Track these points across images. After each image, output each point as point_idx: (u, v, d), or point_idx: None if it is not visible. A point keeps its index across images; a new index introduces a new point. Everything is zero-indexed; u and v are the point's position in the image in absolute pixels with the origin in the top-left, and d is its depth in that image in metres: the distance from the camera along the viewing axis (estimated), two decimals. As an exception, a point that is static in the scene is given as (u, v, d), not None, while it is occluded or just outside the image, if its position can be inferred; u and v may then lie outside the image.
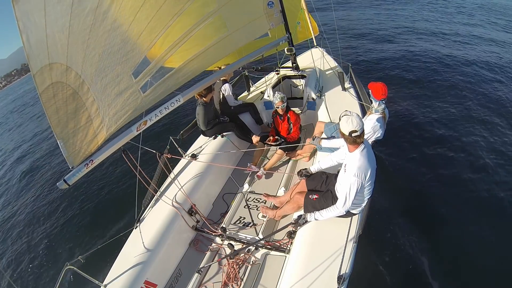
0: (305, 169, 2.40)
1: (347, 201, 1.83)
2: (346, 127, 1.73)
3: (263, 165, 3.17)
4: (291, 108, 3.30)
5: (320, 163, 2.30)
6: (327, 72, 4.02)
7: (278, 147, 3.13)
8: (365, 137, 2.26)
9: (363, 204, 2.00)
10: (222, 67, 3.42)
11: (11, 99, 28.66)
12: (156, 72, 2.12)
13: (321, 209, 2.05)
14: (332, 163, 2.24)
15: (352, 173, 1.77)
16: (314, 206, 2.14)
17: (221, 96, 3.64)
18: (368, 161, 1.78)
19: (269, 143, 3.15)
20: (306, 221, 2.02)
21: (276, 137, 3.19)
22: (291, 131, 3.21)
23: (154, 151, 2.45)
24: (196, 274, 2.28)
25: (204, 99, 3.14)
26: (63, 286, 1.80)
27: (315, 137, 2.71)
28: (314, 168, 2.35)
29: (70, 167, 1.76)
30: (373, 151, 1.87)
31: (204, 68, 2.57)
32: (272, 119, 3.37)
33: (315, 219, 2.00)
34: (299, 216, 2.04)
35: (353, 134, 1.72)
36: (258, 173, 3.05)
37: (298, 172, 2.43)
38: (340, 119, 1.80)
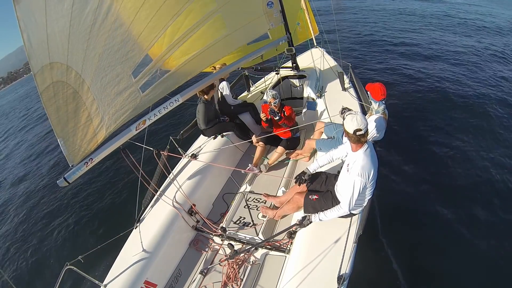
0: (304, 173, 2.26)
1: (351, 201, 1.83)
2: (351, 125, 1.73)
3: (263, 163, 3.17)
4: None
5: (318, 161, 2.27)
6: (327, 72, 4.02)
7: (278, 145, 3.13)
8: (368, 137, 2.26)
9: (364, 204, 1.99)
10: (217, 67, 3.43)
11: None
12: (155, 72, 2.13)
13: (321, 210, 2.04)
14: (331, 160, 2.23)
15: (356, 172, 1.77)
16: (314, 207, 2.14)
17: (219, 95, 3.64)
18: (371, 161, 1.78)
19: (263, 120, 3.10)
20: (311, 222, 2.01)
21: (270, 108, 2.99)
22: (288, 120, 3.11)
23: (151, 149, 2.46)
24: (196, 274, 2.28)
25: (205, 96, 3.14)
26: (63, 286, 1.79)
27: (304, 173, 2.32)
28: (312, 167, 2.28)
29: (70, 165, 1.78)
30: (375, 151, 1.87)
31: (203, 67, 2.58)
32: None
33: (320, 219, 1.98)
34: (304, 217, 2.02)
35: (358, 133, 1.72)
36: (257, 171, 3.04)
37: (296, 178, 2.27)
38: (344, 118, 1.80)
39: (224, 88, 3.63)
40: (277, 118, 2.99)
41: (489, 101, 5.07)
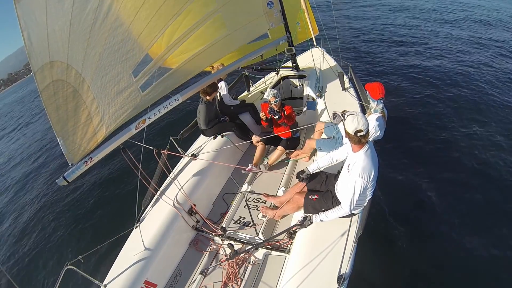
0: (303, 171, 2.30)
1: (352, 202, 1.83)
2: (352, 126, 1.73)
3: (263, 163, 3.16)
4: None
5: (319, 161, 2.27)
6: (327, 72, 4.02)
7: (278, 145, 3.13)
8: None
9: (364, 204, 1.99)
10: (215, 66, 3.42)
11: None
12: (155, 72, 2.13)
13: (321, 209, 2.04)
14: (331, 161, 2.23)
15: (357, 173, 1.77)
16: (314, 207, 2.13)
17: (218, 96, 3.63)
18: (372, 161, 1.78)
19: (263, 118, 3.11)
20: (311, 222, 2.00)
21: (269, 107, 3.02)
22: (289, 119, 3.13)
23: (151, 148, 2.46)
24: (196, 274, 2.28)
25: (207, 97, 3.14)
26: (63, 286, 1.79)
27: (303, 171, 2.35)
28: (312, 168, 2.29)
29: (70, 164, 1.77)
30: (375, 151, 1.87)
31: (203, 67, 2.58)
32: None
33: (321, 220, 1.98)
34: (304, 218, 2.01)
35: (359, 134, 1.72)
36: (257, 171, 3.04)
37: (297, 176, 2.33)
38: (344, 119, 1.80)
39: (222, 88, 3.63)
40: (277, 117, 2.99)
41: (493, 101, 5.06)
